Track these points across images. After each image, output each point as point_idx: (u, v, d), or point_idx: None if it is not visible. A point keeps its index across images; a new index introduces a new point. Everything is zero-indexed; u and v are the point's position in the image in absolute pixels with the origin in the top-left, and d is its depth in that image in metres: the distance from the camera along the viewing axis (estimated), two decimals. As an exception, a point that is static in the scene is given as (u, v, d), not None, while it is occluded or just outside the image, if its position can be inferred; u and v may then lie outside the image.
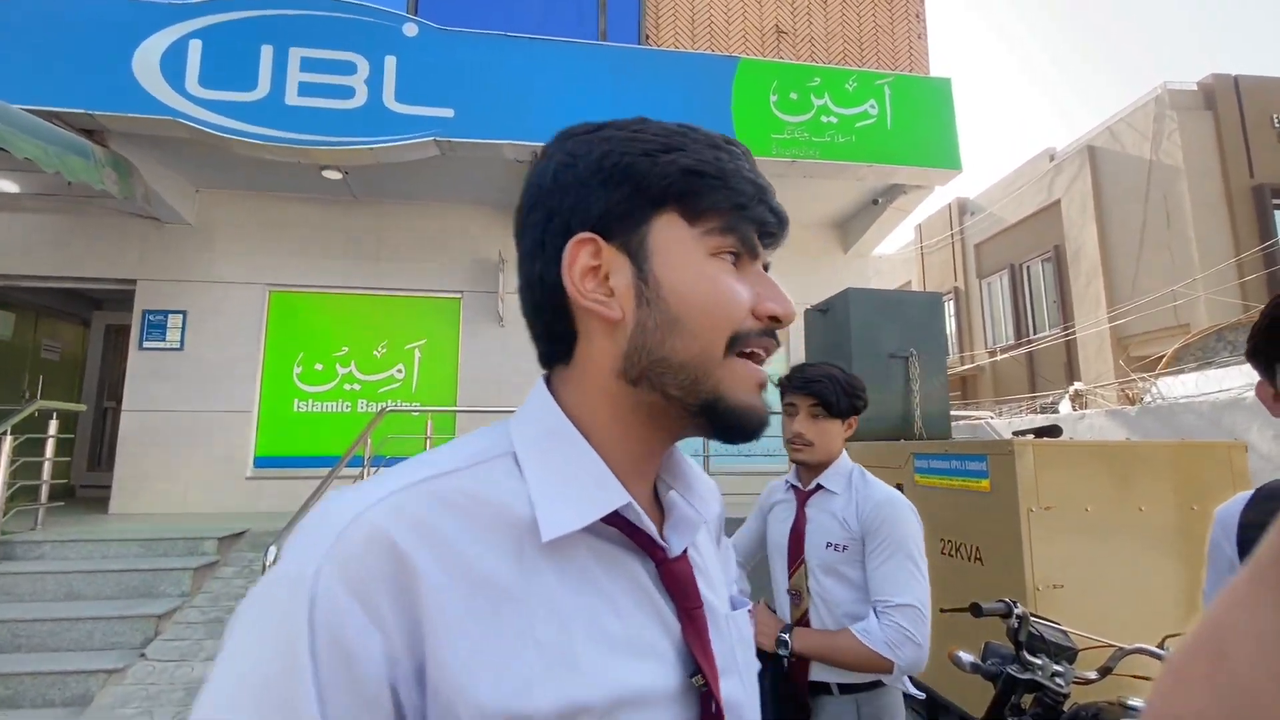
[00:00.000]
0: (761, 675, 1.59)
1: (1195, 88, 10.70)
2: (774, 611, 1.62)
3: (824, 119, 5.38)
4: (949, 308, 14.95)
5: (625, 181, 0.45)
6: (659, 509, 0.51)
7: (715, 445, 6.38)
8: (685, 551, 0.48)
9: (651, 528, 0.45)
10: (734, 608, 0.53)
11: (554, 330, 0.48)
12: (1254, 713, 0.19)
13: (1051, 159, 12.82)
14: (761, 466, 6.27)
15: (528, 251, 0.48)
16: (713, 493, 0.55)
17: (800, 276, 6.81)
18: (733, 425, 0.46)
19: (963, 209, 15.11)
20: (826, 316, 3.87)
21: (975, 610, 1.49)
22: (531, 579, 0.40)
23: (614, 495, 0.43)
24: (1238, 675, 0.20)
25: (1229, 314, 9.35)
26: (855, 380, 1.56)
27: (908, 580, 1.35)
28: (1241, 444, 2.34)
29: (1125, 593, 2.14)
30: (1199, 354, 9.23)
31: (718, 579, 0.54)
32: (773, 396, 1.73)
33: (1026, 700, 1.68)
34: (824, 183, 5.75)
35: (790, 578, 1.52)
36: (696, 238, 0.46)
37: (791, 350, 6.66)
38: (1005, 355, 13.24)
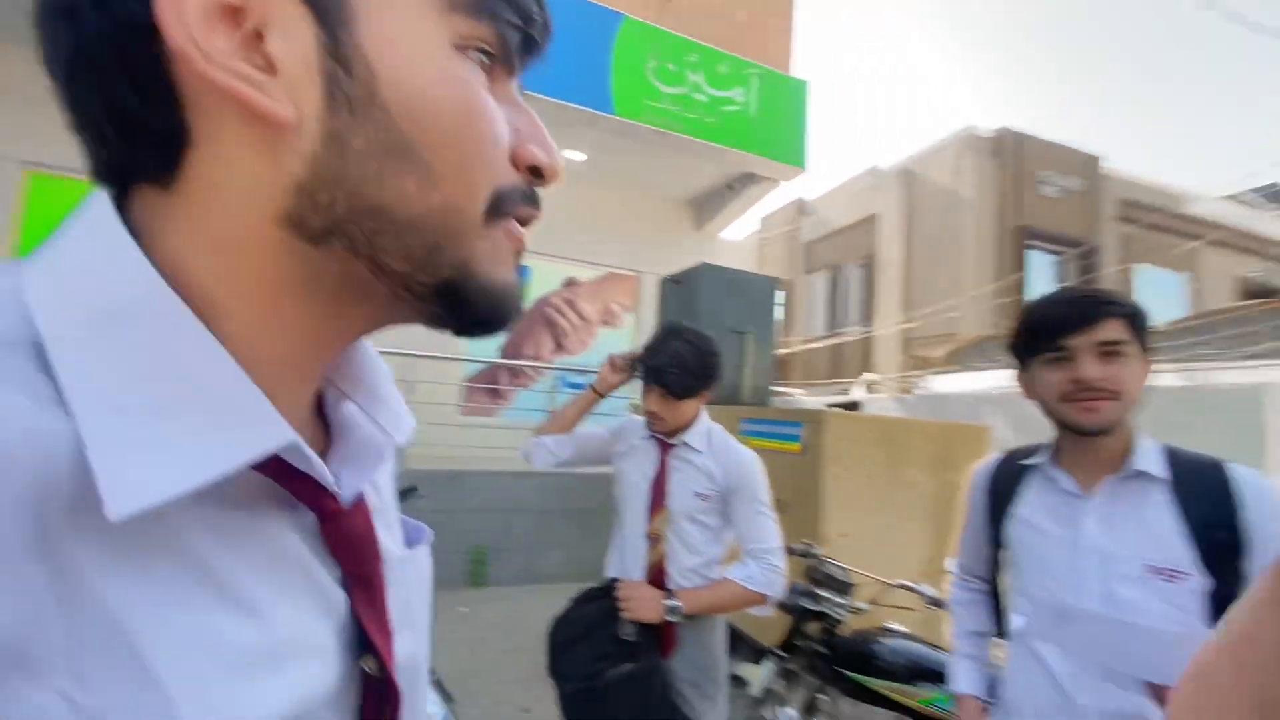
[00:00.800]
0: (648, 674, 1.52)
1: (989, 135, 12.69)
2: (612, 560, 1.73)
3: (696, 96, 5.55)
4: (779, 296, 16.39)
5: None
6: (324, 429, 0.35)
7: (548, 401, 6.44)
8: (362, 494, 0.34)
9: (324, 471, 0.30)
10: (410, 542, 0.40)
11: (135, 117, 0.26)
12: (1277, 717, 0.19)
13: (875, 175, 14.48)
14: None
15: None
16: (405, 408, 0.39)
17: (657, 248, 7.04)
18: (484, 314, 0.32)
19: (801, 209, 16.54)
20: (680, 288, 4.07)
21: (788, 551, 1.71)
22: (76, 588, 0.22)
23: (265, 431, 0.26)
24: (1261, 682, 0.20)
25: (987, 329, 11.44)
26: (707, 358, 1.58)
27: (771, 528, 1.59)
28: (988, 428, 2.93)
29: (894, 541, 2.60)
30: (961, 359, 11.23)
31: (392, 512, 0.40)
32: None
33: (813, 629, 1.99)
34: (688, 159, 5.96)
35: (650, 522, 1.61)
36: (438, 12, 0.29)
37: (644, 313, 6.90)
38: (817, 345, 14.93)
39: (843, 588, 1.96)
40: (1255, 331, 8.54)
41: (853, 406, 3.03)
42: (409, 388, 4.93)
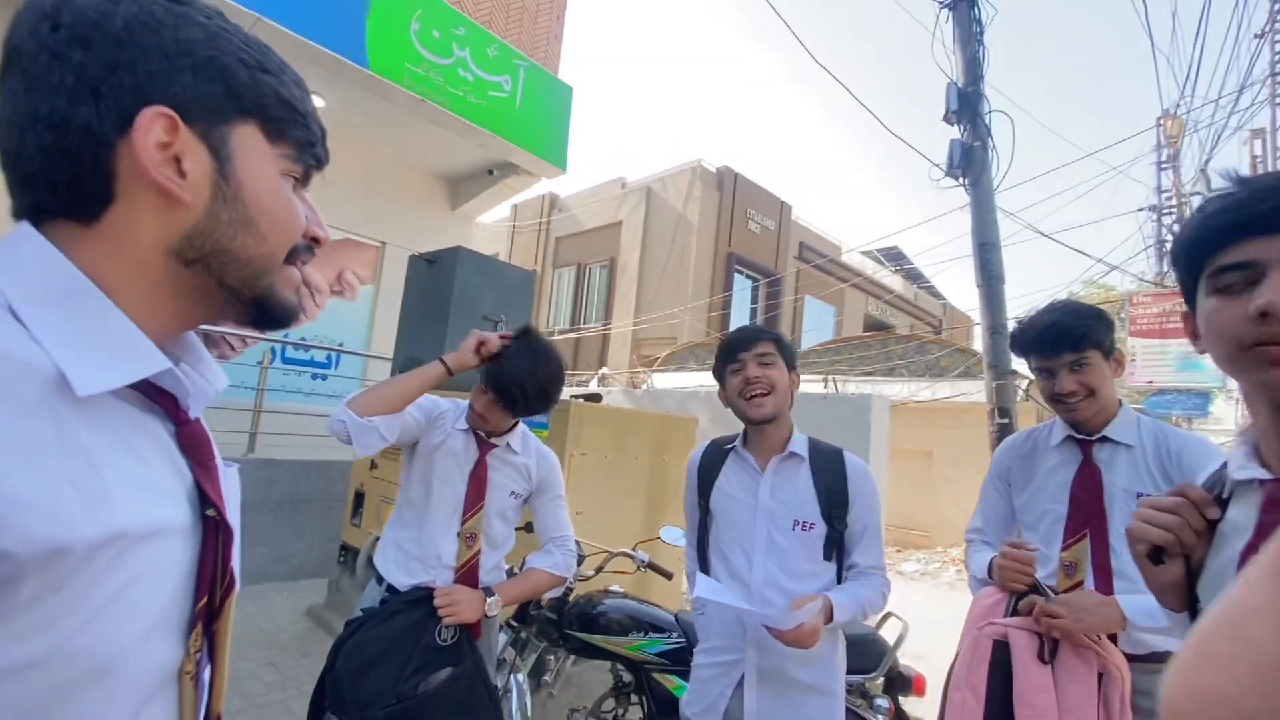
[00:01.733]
0: (471, 674, 1.48)
1: (713, 170, 14.73)
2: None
3: (461, 72, 5.39)
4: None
5: (220, 80, 0.49)
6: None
7: (275, 381, 5.61)
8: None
9: (187, 391, 0.52)
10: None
11: (79, 185, 0.46)
12: (1277, 688, 0.20)
13: (622, 186, 15.65)
14: (328, 409, 5.84)
15: (64, 89, 0.44)
16: (219, 368, 0.61)
17: (405, 221, 6.60)
18: (277, 317, 0.57)
19: (553, 204, 16.98)
20: (433, 267, 3.93)
21: (529, 528, 1.85)
22: (65, 431, 0.42)
23: (155, 361, 0.47)
24: (1261, 653, 0.21)
25: (699, 336, 13.29)
26: (556, 382, 1.56)
27: (567, 517, 1.72)
28: (694, 418, 3.51)
29: (618, 514, 2.96)
30: (678, 360, 12.88)
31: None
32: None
33: (546, 599, 2.19)
34: (448, 135, 5.75)
35: (465, 522, 1.55)
36: (273, 156, 0.53)
37: (385, 288, 6.39)
38: (560, 337, 15.56)
39: (573, 562, 2.19)
40: (870, 355, 11.61)
41: (594, 398, 3.37)
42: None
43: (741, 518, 1.40)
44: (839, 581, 1.36)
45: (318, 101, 5.58)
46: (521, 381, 1.48)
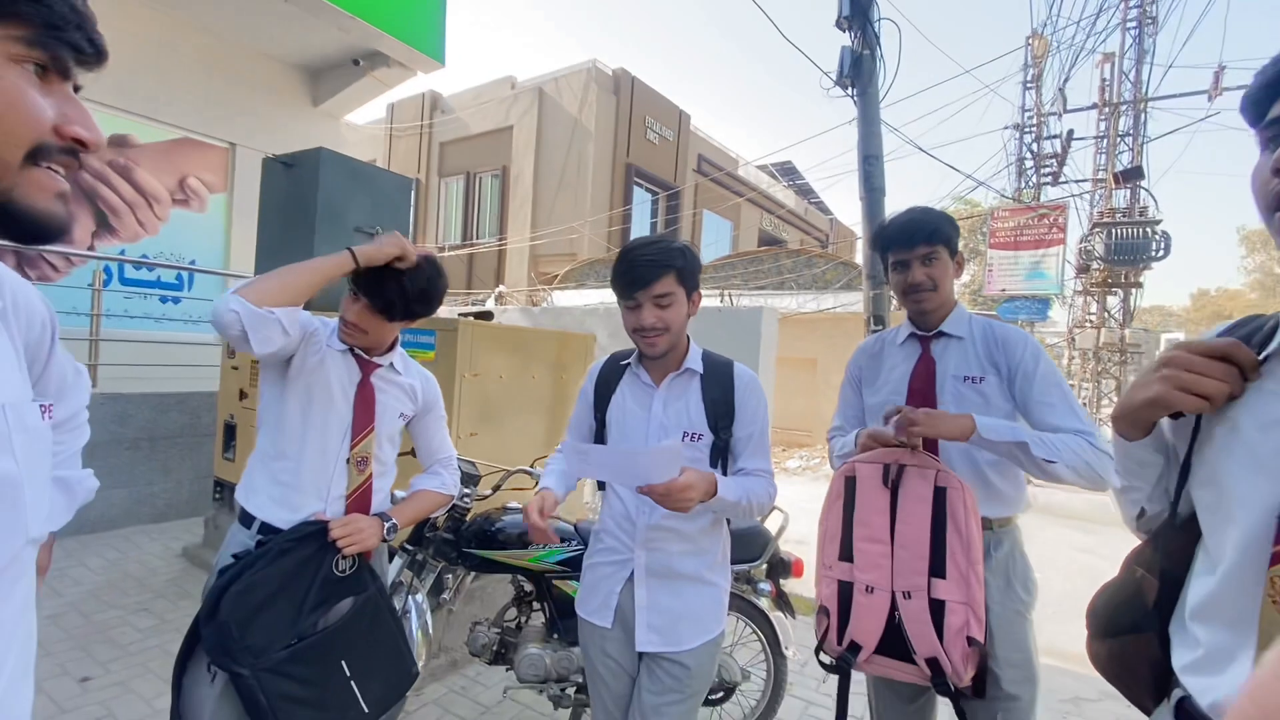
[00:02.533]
0: (376, 601, 1.43)
1: (610, 73, 13.97)
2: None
3: (310, -62, 4.59)
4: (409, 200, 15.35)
5: None
6: None
7: (115, 305, 4.91)
8: None
9: None
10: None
11: None
12: None
13: (512, 87, 14.52)
14: (183, 335, 5.23)
15: None
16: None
17: (259, 118, 5.77)
18: (29, 229, 0.51)
19: (435, 104, 15.51)
20: (290, 171, 3.48)
21: (414, 452, 1.77)
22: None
23: None
24: None
25: (599, 252, 13.07)
26: (430, 290, 1.43)
27: (448, 437, 1.69)
28: (592, 336, 3.48)
29: (518, 433, 2.92)
30: (577, 277, 12.66)
31: (7, 373, 0.58)
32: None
33: (441, 520, 2.15)
34: (300, 14, 4.96)
35: (354, 446, 1.44)
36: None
37: (239, 197, 5.64)
38: (451, 253, 14.73)
39: (470, 480, 2.16)
40: (763, 269, 12.01)
41: (486, 316, 3.21)
42: None
43: (634, 430, 1.42)
44: None
45: (126, -36, 4.59)
46: (400, 282, 1.36)
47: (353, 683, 1.39)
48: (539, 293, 12.31)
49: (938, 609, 1.28)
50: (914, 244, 1.47)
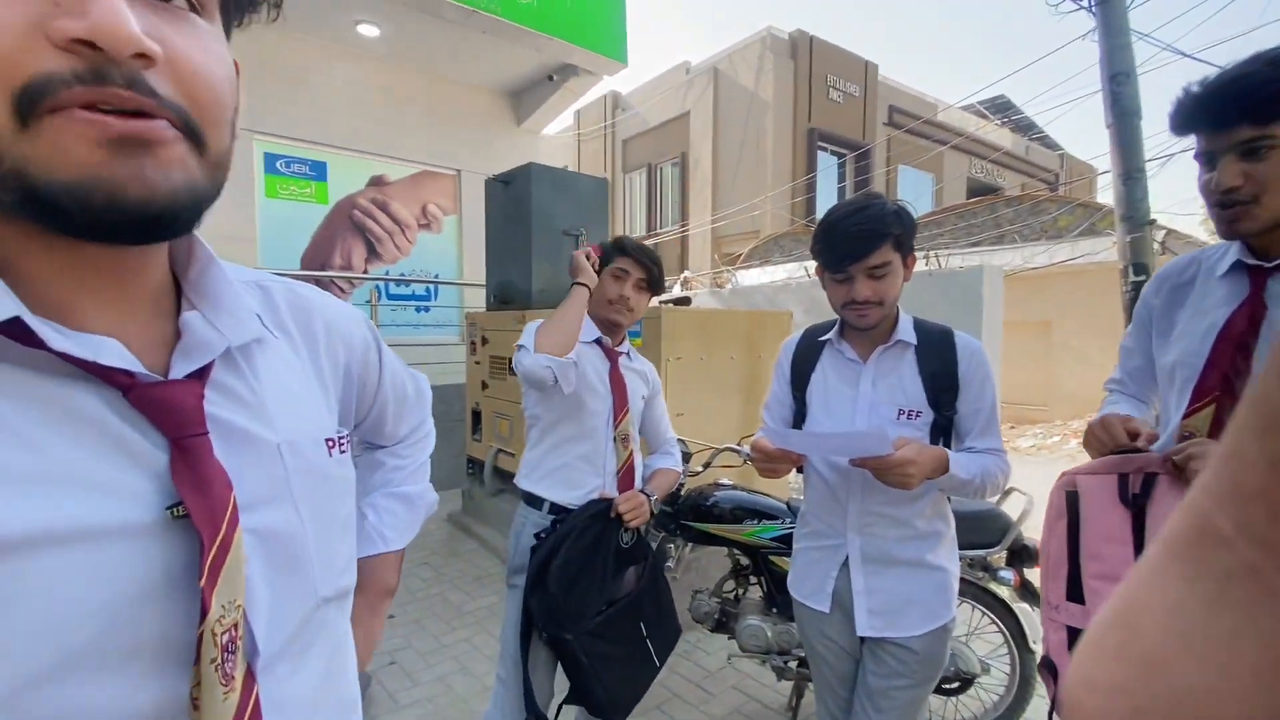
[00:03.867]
0: (655, 565, 1.69)
1: (785, 37, 13.37)
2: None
3: (507, -27, 5.10)
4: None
5: None
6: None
7: (385, 317, 6.01)
8: (205, 375, 0.44)
9: (73, 348, 0.36)
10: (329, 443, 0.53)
11: None
12: (1163, 679, 0.20)
13: (687, 72, 14.62)
14: (435, 338, 6.22)
15: None
16: (251, 316, 0.49)
17: (476, 144, 6.60)
18: (82, 216, 0.34)
19: (616, 104, 16.24)
20: (508, 188, 3.94)
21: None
22: None
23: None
24: (1148, 645, 0.21)
25: (783, 226, 12.69)
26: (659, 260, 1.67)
27: (670, 422, 1.85)
28: (788, 313, 3.42)
29: (718, 412, 3.01)
30: (763, 254, 12.43)
31: (294, 407, 0.51)
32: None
33: (659, 494, 2.31)
34: (503, 45, 5.55)
35: (617, 426, 1.63)
36: None
37: (466, 214, 6.53)
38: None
39: (684, 457, 2.28)
40: (976, 223, 10.63)
41: (684, 302, 3.35)
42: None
43: (841, 411, 1.33)
44: None
45: (372, 31, 5.56)
46: (654, 254, 1.62)
47: (648, 641, 1.60)
48: (723, 274, 12.34)
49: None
50: (1229, 125, 0.91)
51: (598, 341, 1.65)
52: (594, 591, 1.48)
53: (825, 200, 13.95)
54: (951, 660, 1.90)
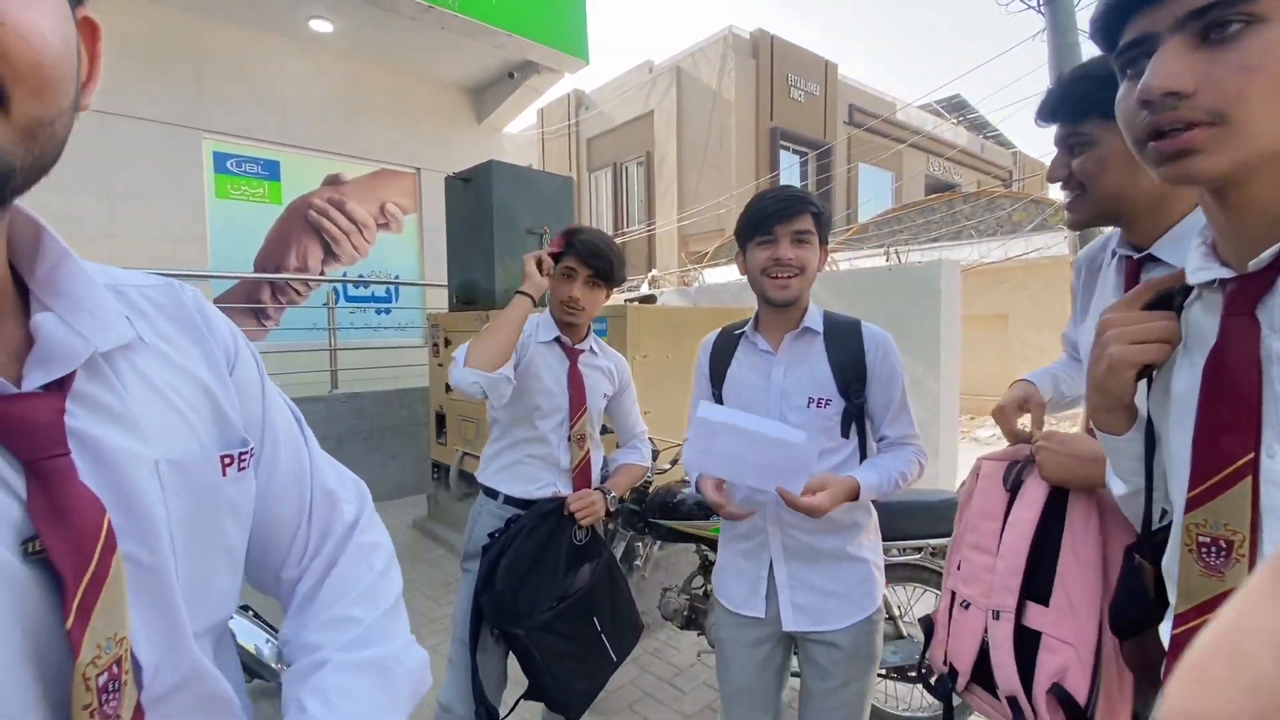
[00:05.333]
0: (610, 560, 1.67)
1: (748, 36, 13.49)
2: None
3: (464, -32, 5.01)
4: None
5: None
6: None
7: (344, 319, 5.84)
8: (66, 387, 0.38)
9: None
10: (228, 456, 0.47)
11: None
12: (1276, 712, 0.19)
13: (650, 71, 14.63)
14: (396, 340, 6.08)
15: None
16: (118, 318, 0.44)
17: (436, 142, 6.47)
18: None
19: (579, 102, 16.16)
20: (468, 186, 3.87)
21: (605, 430, 1.90)
22: None
23: None
24: (1257, 675, 0.20)
25: (748, 223, 12.78)
26: (618, 250, 1.63)
27: (639, 414, 1.84)
28: (751, 310, 3.44)
29: (685, 409, 3.01)
30: (728, 252, 12.54)
31: (175, 420, 0.45)
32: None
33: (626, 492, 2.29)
34: (462, 41, 5.46)
35: (574, 426, 1.62)
36: None
37: (426, 214, 6.40)
38: (606, 243, 15.30)
39: (651, 455, 2.27)
40: (935, 220, 10.91)
41: (649, 300, 3.34)
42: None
43: (755, 401, 1.33)
44: (863, 457, 1.32)
45: (325, 27, 5.40)
46: (603, 248, 1.56)
47: (603, 636, 1.60)
48: (690, 273, 12.40)
49: (1031, 641, 0.97)
50: (1071, 118, 0.95)
51: (557, 340, 1.64)
52: (544, 588, 1.49)
53: (789, 198, 14.09)
54: (918, 648, 1.93)
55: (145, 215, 4.86)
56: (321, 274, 5.90)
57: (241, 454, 0.49)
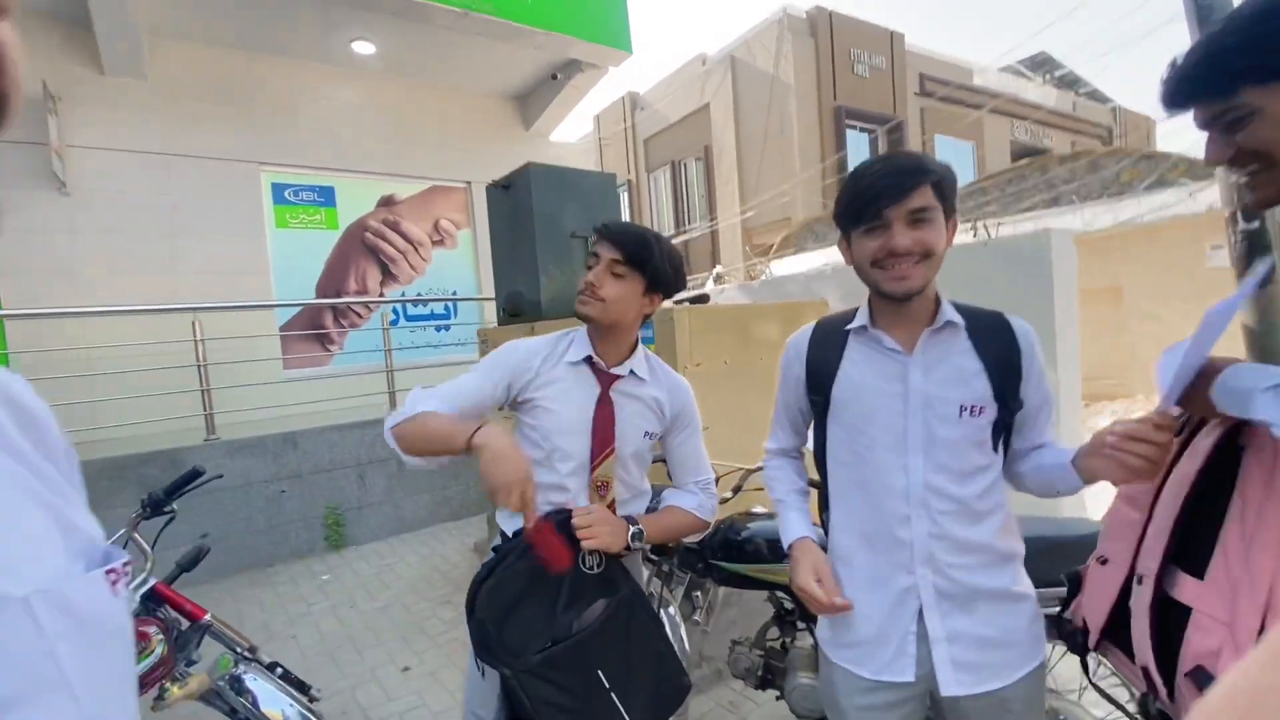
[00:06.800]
0: (630, 603, 1.31)
1: (804, 16, 12.83)
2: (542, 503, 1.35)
3: (497, -31, 4.85)
4: (624, 199, 16.12)
5: None
6: None
7: (405, 339, 5.85)
8: None
9: None
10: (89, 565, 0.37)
11: None
12: None
13: (703, 63, 14.24)
14: (456, 357, 6.02)
15: None
16: None
17: (485, 154, 6.38)
18: None
19: (634, 104, 15.99)
20: (508, 193, 3.66)
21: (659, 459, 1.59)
22: None
23: None
24: None
25: (815, 210, 12.13)
26: (676, 256, 1.33)
27: (706, 455, 1.47)
28: (823, 301, 3.01)
29: (750, 425, 2.63)
30: (795, 242, 11.90)
31: (38, 537, 0.36)
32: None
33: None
34: (501, 46, 5.31)
35: (595, 469, 1.30)
36: None
37: (479, 227, 6.32)
38: (668, 243, 15.03)
39: (713, 506, 1.93)
40: (1026, 188, 9.86)
41: (700, 300, 3.00)
42: (207, 345, 4.15)
43: (885, 411, 1.06)
44: (1005, 476, 1.11)
45: (367, 48, 5.39)
46: (635, 229, 1.29)
47: (613, 694, 1.25)
48: (756, 266, 11.85)
49: (1179, 616, 0.84)
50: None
51: (588, 361, 1.32)
52: (537, 622, 1.20)
53: (858, 180, 13.32)
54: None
55: (209, 251, 5.00)
56: (381, 295, 5.92)
57: (123, 567, 0.40)
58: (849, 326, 1.11)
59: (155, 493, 1.69)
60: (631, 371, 1.34)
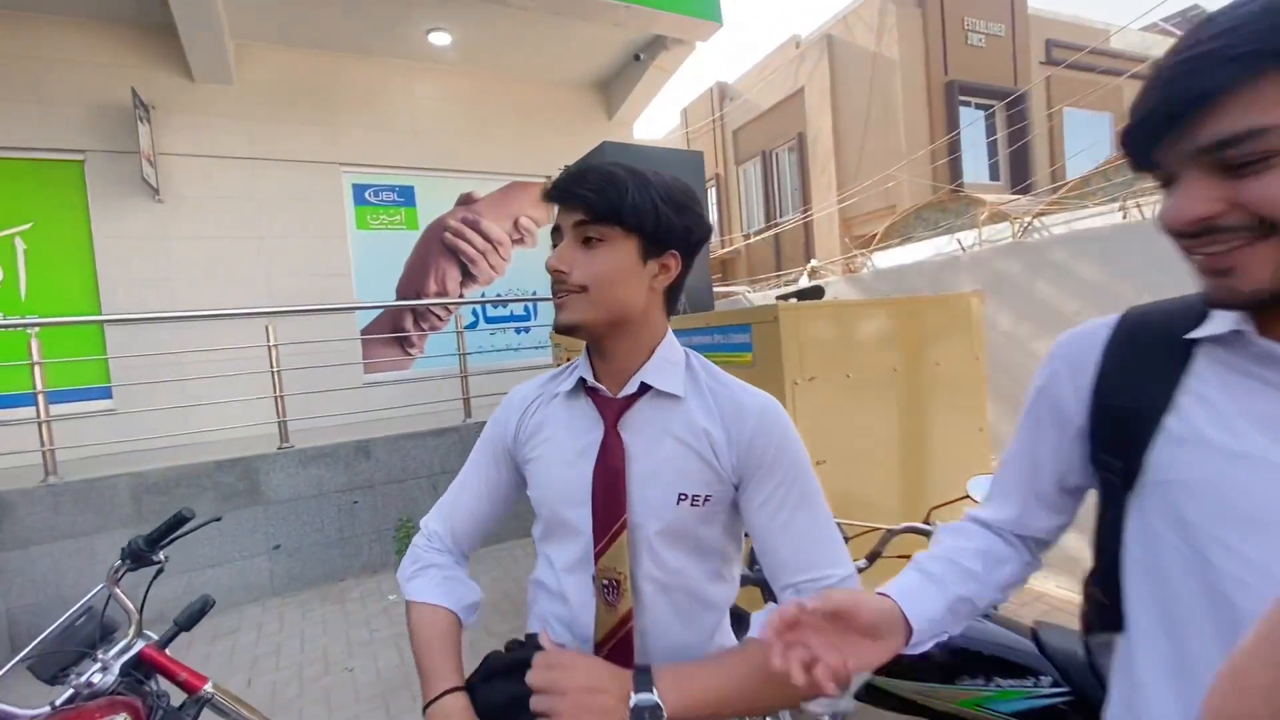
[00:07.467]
0: None
1: (910, -16, 11.67)
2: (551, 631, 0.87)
3: (574, -60, 4.47)
4: (711, 195, 15.53)
5: None
6: None
7: (483, 342, 5.64)
8: None
9: None
10: None
11: None
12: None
13: (797, 46, 13.38)
14: (537, 360, 5.73)
15: None
16: None
17: (566, 147, 6.06)
18: None
19: (723, 94, 15.38)
20: (580, 177, 3.26)
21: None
22: None
23: None
24: None
25: (924, 195, 10.98)
26: (676, 187, 0.82)
27: (834, 538, 0.80)
28: (978, 293, 2.34)
29: (886, 463, 2.02)
30: (901, 231, 10.82)
31: None
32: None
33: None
34: (580, 28, 4.94)
35: (600, 557, 0.79)
36: None
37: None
38: (757, 238, 14.30)
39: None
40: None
41: (815, 294, 2.37)
42: (284, 351, 4.06)
43: (1269, 500, 0.49)
44: None
45: (444, 39, 5.19)
46: (593, 168, 0.78)
47: None
48: (857, 258, 10.89)
49: None
50: None
51: (583, 384, 0.85)
52: None
53: (972, 161, 11.97)
54: None
55: (293, 253, 4.97)
56: (461, 296, 5.74)
57: None
58: (1198, 333, 0.55)
59: (136, 541, 1.38)
60: (645, 385, 0.81)
